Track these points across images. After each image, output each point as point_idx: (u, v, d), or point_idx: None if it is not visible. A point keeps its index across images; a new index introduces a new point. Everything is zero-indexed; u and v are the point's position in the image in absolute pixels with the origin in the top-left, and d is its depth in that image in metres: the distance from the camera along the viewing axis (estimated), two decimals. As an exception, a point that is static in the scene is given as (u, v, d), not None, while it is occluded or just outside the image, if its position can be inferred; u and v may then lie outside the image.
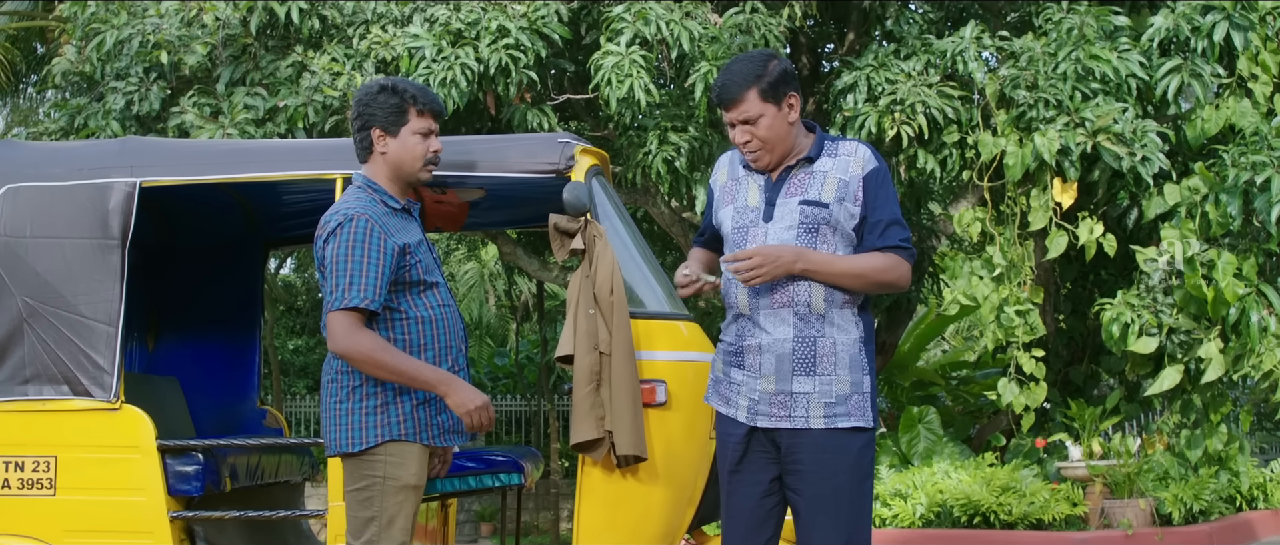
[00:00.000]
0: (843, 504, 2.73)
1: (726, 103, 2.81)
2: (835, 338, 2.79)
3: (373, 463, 2.92)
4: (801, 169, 2.86)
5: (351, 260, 2.85)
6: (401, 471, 2.92)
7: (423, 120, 3.01)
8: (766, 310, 2.80)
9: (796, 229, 2.79)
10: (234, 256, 4.65)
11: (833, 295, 2.79)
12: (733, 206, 2.91)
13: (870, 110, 6.84)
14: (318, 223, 2.96)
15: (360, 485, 2.92)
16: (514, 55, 6.67)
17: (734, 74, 2.81)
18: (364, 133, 3.01)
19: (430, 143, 3.04)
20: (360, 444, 2.92)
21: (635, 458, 3.27)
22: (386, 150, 2.99)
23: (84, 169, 3.61)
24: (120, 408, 3.51)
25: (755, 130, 2.81)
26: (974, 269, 7.25)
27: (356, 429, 2.91)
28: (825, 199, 2.79)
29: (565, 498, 11.15)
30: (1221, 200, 6.46)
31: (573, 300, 3.30)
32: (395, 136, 2.99)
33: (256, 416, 4.62)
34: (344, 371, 2.94)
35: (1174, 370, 6.72)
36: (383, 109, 2.98)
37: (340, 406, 2.93)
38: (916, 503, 6.94)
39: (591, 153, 3.59)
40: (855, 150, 2.84)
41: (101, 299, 3.52)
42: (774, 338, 2.79)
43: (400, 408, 2.92)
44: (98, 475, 3.49)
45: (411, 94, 3.00)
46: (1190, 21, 6.69)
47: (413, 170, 3.02)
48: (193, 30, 7.09)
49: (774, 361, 2.79)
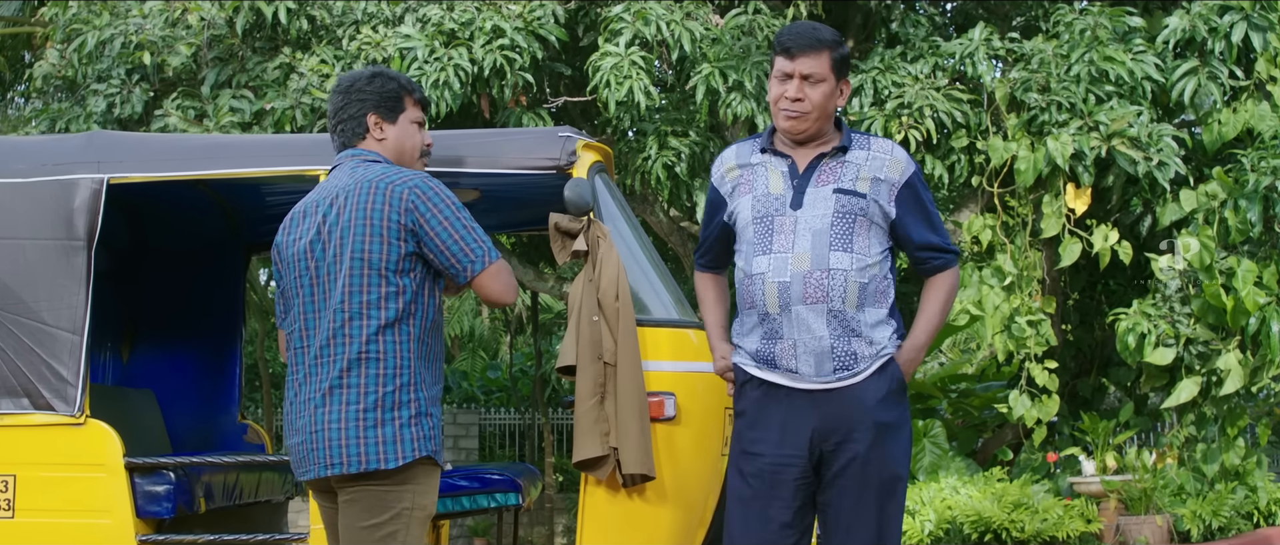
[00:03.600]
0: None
1: (800, 49, 2.61)
2: (871, 336, 2.60)
3: (402, 492, 2.50)
4: (834, 158, 2.67)
5: (463, 215, 2.55)
6: (428, 500, 2.56)
7: (416, 110, 2.76)
8: (799, 305, 2.56)
9: (831, 218, 2.59)
10: (214, 261, 4.43)
11: (867, 292, 2.59)
12: (752, 195, 2.66)
13: (877, 114, 6.68)
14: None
15: (382, 518, 2.48)
16: (509, 56, 6.48)
17: (815, 29, 2.65)
18: (357, 120, 2.68)
19: (423, 135, 2.79)
20: (395, 459, 2.47)
21: (642, 477, 3.05)
22: (384, 137, 2.69)
23: (47, 165, 3.38)
24: (85, 422, 3.28)
25: (811, 91, 2.62)
26: (983, 278, 7.01)
27: (391, 442, 2.48)
28: (861, 189, 2.62)
29: (560, 513, 10.93)
30: (1241, 206, 6.31)
31: (575, 306, 3.06)
32: (393, 124, 2.70)
33: (238, 431, 4.40)
34: (376, 375, 2.50)
35: (1191, 382, 6.55)
36: (379, 94, 2.69)
37: (367, 415, 2.47)
38: (925, 519, 6.74)
39: (594, 148, 3.37)
40: (891, 150, 2.69)
41: (66, 305, 3.29)
42: (811, 338, 2.57)
43: (431, 421, 2.55)
44: (60, 496, 3.27)
45: (405, 82, 2.75)
46: (1207, 22, 6.53)
47: (410, 163, 2.73)
48: (177, 31, 6.90)
49: (813, 361, 2.57)
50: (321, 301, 2.53)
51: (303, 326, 2.57)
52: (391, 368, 2.50)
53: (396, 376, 2.50)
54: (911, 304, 3.05)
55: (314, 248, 2.55)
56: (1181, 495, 6.93)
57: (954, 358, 14.98)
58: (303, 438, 2.53)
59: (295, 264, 2.58)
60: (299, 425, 2.55)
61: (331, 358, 2.51)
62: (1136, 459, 6.91)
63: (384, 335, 2.50)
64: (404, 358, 2.51)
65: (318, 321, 2.53)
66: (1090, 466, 7.06)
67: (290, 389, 2.60)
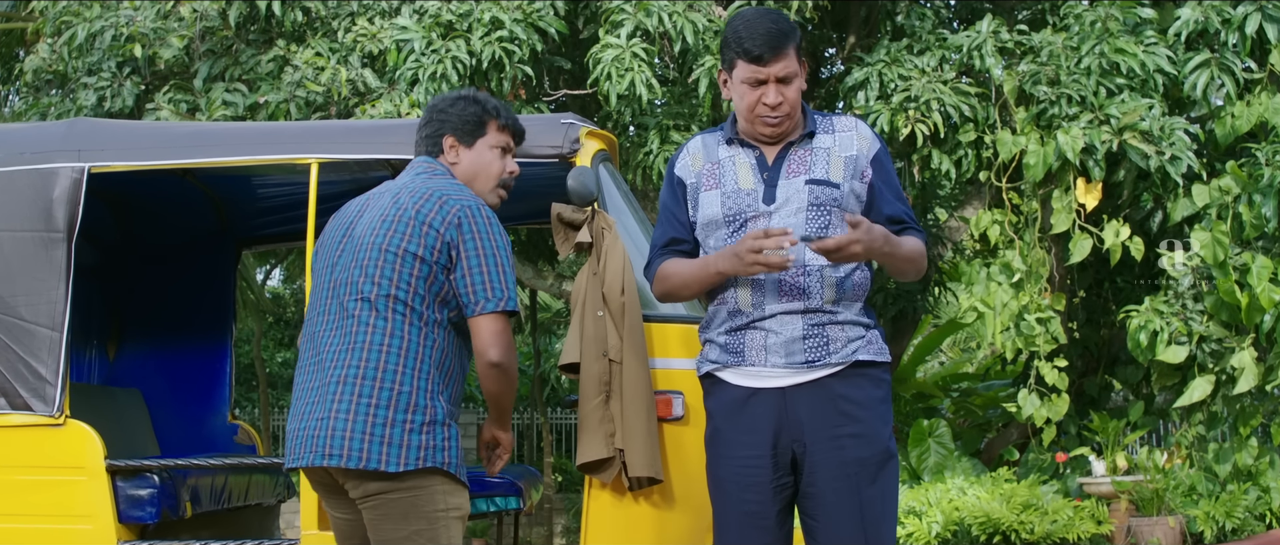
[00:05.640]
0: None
1: (773, 53, 2.44)
2: (847, 334, 2.47)
3: (416, 496, 2.40)
4: (802, 146, 2.53)
5: (502, 255, 2.45)
6: (457, 500, 2.44)
7: (502, 136, 2.66)
8: (774, 304, 2.43)
9: (806, 211, 2.46)
10: (204, 256, 4.30)
11: (844, 287, 2.47)
12: (720, 191, 2.52)
13: (882, 108, 6.55)
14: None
15: (418, 527, 2.39)
16: (508, 48, 6.35)
17: (776, 23, 2.47)
18: (434, 140, 2.64)
19: (507, 162, 2.68)
20: (396, 463, 2.37)
21: (649, 480, 2.91)
22: (458, 161, 2.62)
23: (25, 154, 3.24)
24: (64, 423, 3.15)
25: (788, 91, 2.48)
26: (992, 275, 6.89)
27: (396, 445, 2.38)
28: (834, 178, 2.48)
29: (559, 513, 10.81)
30: (1255, 201, 6.18)
31: (578, 301, 2.93)
32: (469, 148, 2.63)
33: (227, 432, 4.27)
34: (394, 371, 2.40)
35: (1204, 380, 6.43)
36: (460, 116, 2.63)
37: (378, 413, 2.37)
38: (932, 521, 6.61)
39: (598, 136, 3.23)
40: (854, 125, 2.56)
41: (44, 300, 3.15)
42: (783, 338, 2.45)
43: (446, 431, 2.43)
44: (38, 499, 3.14)
45: (491, 107, 2.66)
46: (1220, 13, 6.40)
47: (483, 189, 2.63)
48: (169, 23, 6.79)
49: (783, 357, 2.45)
50: (349, 288, 2.46)
51: (324, 311, 2.50)
52: (410, 368, 2.41)
53: (414, 378, 2.41)
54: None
55: (353, 234, 2.50)
56: (1193, 496, 6.81)
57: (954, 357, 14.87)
58: (305, 424, 2.44)
59: (332, 250, 2.53)
60: (303, 411, 2.46)
61: (351, 346, 2.42)
62: (1148, 459, 6.79)
63: (409, 334, 2.42)
64: (424, 361, 2.42)
65: (341, 308, 2.46)
66: (1100, 467, 6.94)
67: (302, 373, 2.52)
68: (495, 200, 2.64)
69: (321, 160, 3.17)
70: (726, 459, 2.49)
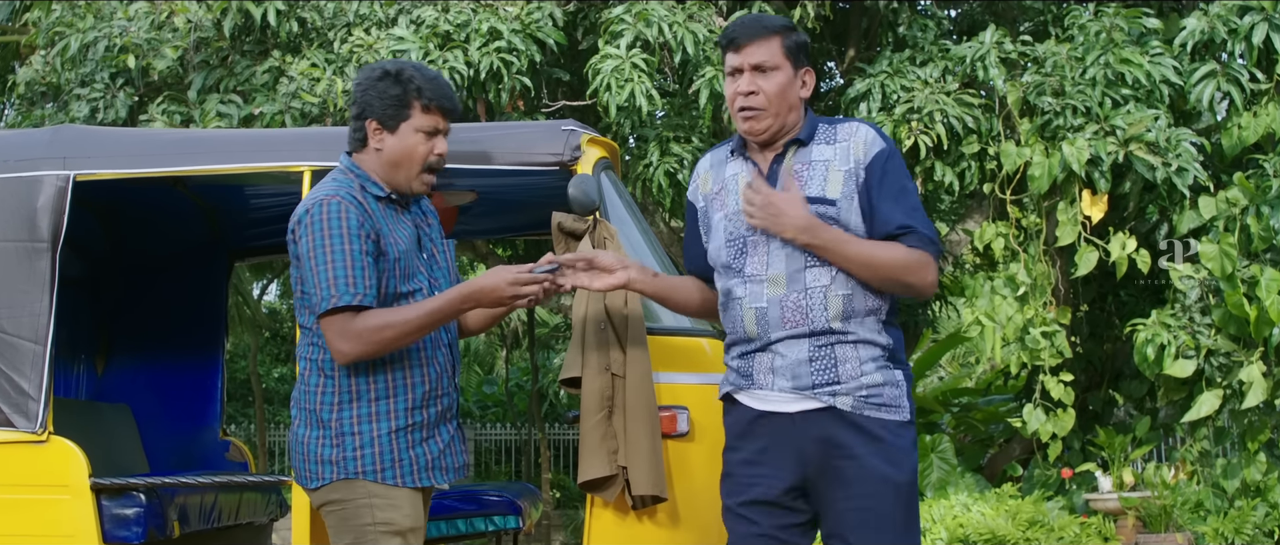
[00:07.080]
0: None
1: (746, 38, 2.41)
2: (858, 354, 2.38)
3: (341, 509, 2.41)
4: (799, 159, 2.43)
5: (328, 250, 2.36)
6: (389, 515, 2.39)
7: (428, 117, 2.50)
8: (778, 330, 2.36)
9: None
10: (195, 268, 4.21)
11: (852, 306, 2.36)
12: (723, 214, 2.47)
13: (885, 119, 6.49)
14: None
15: (347, 540, 2.42)
16: (506, 59, 6.28)
17: (760, 16, 2.49)
18: (358, 123, 2.52)
19: (434, 144, 2.52)
20: (315, 479, 2.43)
21: (653, 498, 2.81)
22: (381, 146, 2.49)
23: (8, 161, 3.16)
24: (47, 440, 3.05)
25: (764, 82, 2.41)
26: (996, 288, 6.82)
27: (312, 461, 2.45)
28: (831, 195, 2.38)
29: (557, 530, 10.69)
30: (1263, 213, 6.11)
31: (580, 314, 2.83)
32: (393, 133, 2.49)
33: (219, 449, 4.17)
34: (304, 390, 2.47)
35: (1212, 395, 6.34)
36: (381, 98, 2.48)
37: (298, 430, 2.48)
38: (937, 538, 6.53)
39: (600, 143, 3.15)
40: (855, 131, 2.43)
41: (27, 313, 3.06)
42: (789, 360, 2.38)
43: (357, 440, 2.41)
44: (20, 519, 3.03)
45: (418, 84, 2.49)
46: (1226, 23, 6.34)
47: (407, 177, 2.50)
48: (163, 33, 6.71)
49: (790, 382, 2.38)
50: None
51: None
52: (314, 382, 2.46)
53: (319, 393, 2.44)
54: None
55: None
56: (1201, 512, 6.72)
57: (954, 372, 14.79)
58: None
59: None
60: None
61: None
62: (1155, 475, 6.70)
63: (311, 350, 2.46)
64: (330, 374, 2.42)
65: None
66: (1107, 482, 6.85)
67: None
68: (421, 187, 2.53)
69: (315, 168, 3.08)
70: (734, 479, 2.44)
